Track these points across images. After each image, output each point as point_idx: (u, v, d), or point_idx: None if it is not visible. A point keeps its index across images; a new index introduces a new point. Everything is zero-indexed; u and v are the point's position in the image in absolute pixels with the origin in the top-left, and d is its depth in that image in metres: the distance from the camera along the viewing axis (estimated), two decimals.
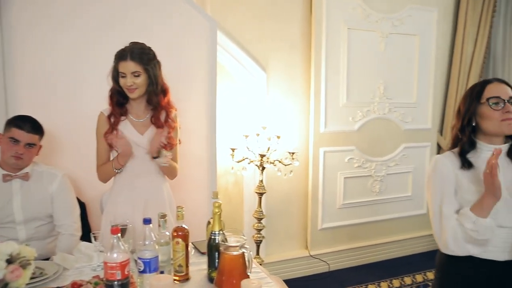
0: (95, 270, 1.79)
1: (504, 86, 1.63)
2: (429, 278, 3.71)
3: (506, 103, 1.58)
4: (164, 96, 2.12)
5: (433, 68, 4.17)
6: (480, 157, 1.64)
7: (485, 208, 1.53)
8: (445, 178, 1.65)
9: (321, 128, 3.73)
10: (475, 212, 1.54)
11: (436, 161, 1.69)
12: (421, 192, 4.30)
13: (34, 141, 2.06)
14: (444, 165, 1.66)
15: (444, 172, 1.65)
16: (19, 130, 2.01)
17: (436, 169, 1.68)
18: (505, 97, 1.59)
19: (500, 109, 1.59)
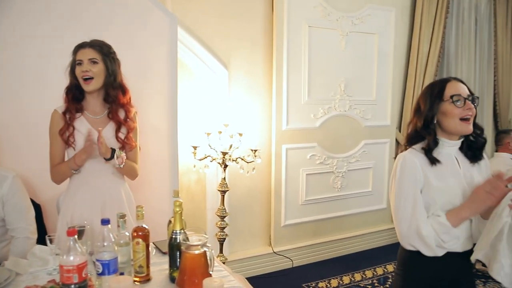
0: (51, 274, 1.72)
1: (462, 85, 1.69)
2: (389, 271, 3.83)
3: (466, 101, 1.64)
4: (124, 94, 2.07)
5: (391, 67, 4.29)
6: (441, 153, 1.69)
7: (460, 219, 1.60)
8: (416, 176, 1.66)
9: (283, 125, 3.75)
10: (449, 219, 1.60)
11: (404, 159, 1.68)
12: (381, 187, 4.42)
13: None
14: (413, 163, 1.66)
15: (414, 170, 1.66)
16: None
17: (405, 167, 1.67)
18: (465, 95, 1.65)
19: (462, 106, 1.64)
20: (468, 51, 4.84)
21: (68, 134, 2.00)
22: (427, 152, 1.67)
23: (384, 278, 3.70)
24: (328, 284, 3.57)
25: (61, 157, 2.06)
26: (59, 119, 2.01)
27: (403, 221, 1.65)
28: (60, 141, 2.02)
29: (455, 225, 1.60)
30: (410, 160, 1.67)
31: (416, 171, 1.65)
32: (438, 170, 1.66)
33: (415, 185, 1.65)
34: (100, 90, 2.03)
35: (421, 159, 1.67)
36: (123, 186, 2.17)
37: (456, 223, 1.60)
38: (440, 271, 1.69)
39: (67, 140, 2.01)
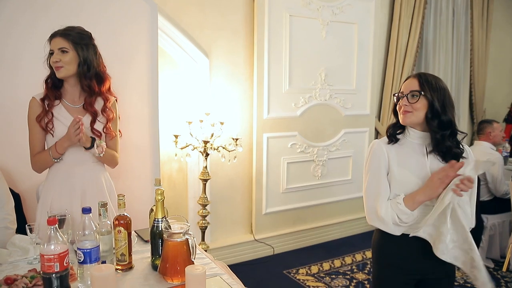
0: (32, 264, 1.72)
1: (411, 81, 1.76)
2: (367, 257, 3.92)
3: (404, 97, 1.74)
4: (101, 83, 2.05)
5: (371, 56, 4.34)
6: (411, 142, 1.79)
7: (416, 203, 1.69)
8: (381, 160, 1.77)
9: (264, 114, 3.77)
10: (406, 203, 1.69)
11: (373, 144, 1.83)
12: (361, 175, 4.49)
13: None
14: (380, 148, 1.79)
15: (380, 155, 1.78)
16: None
17: (373, 151, 1.81)
18: (406, 91, 1.75)
19: (399, 102, 1.77)
20: (446, 42, 4.94)
21: (47, 120, 1.98)
22: (388, 129, 1.82)
23: (363, 264, 3.80)
24: (309, 271, 3.64)
25: (41, 145, 2.03)
26: (37, 106, 1.99)
27: (367, 201, 1.80)
28: (39, 128, 1.99)
29: (411, 209, 1.69)
30: (378, 146, 1.80)
31: (381, 155, 1.77)
32: (404, 158, 1.76)
33: (380, 168, 1.77)
34: (77, 78, 2.01)
35: (389, 146, 1.80)
36: (104, 174, 2.16)
37: (412, 206, 1.69)
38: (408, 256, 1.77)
39: (46, 127, 1.98)
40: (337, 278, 3.51)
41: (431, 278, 1.80)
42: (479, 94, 5.42)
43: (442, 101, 1.71)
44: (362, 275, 3.56)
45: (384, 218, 1.71)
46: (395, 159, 1.76)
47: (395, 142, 1.79)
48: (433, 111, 1.70)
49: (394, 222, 1.71)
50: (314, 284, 3.39)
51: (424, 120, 1.73)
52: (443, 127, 1.70)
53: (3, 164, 2.27)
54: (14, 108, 2.25)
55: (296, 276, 3.53)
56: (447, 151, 1.72)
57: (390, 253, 1.83)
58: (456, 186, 1.62)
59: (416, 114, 1.72)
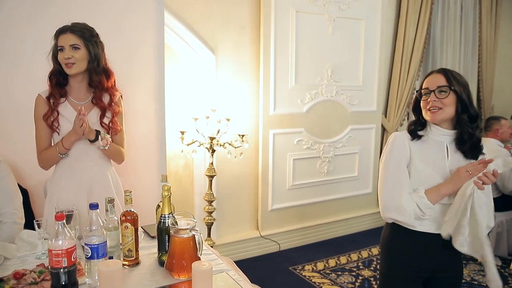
0: (40, 259, 1.73)
1: (436, 77, 1.74)
2: (373, 254, 3.91)
3: (432, 93, 1.71)
4: (108, 79, 2.05)
5: (378, 52, 4.31)
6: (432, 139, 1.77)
7: (439, 196, 1.68)
8: (403, 152, 1.76)
9: (270, 111, 3.77)
10: (428, 195, 1.68)
11: (395, 136, 1.80)
12: (367, 172, 4.48)
13: None
14: (402, 141, 1.77)
15: (402, 147, 1.76)
16: None
17: (395, 143, 1.78)
18: (433, 87, 1.71)
19: (426, 99, 1.73)
20: (454, 38, 4.89)
21: (53, 119, 1.98)
22: (409, 126, 1.79)
23: (369, 261, 3.79)
24: (315, 267, 3.64)
25: (47, 142, 2.04)
26: (43, 104, 1.99)
27: (384, 192, 1.76)
28: (45, 126, 2.00)
29: (434, 202, 1.68)
30: (400, 138, 1.78)
31: (404, 148, 1.75)
32: (425, 155, 1.74)
33: (401, 160, 1.75)
34: (84, 75, 2.01)
35: (411, 141, 1.77)
36: (110, 170, 2.17)
37: (435, 199, 1.68)
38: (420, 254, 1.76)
39: (52, 125, 1.99)
40: (343, 274, 3.51)
41: (440, 277, 1.79)
42: (487, 90, 5.37)
43: (467, 95, 1.70)
44: (368, 272, 3.55)
45: (406, 209, 1.69)
46: (418, 155, 1.74)
47: (418, 139, 1.77)
48: (463, 106, 1.69)
49: (416, 215, 1.69)
50: (320, 281, 3.39)
51: (453, 116, 1.71)
52: (473, 120, 1.70)
53: (12, 160, 2.28)
54: (23, 104, 2.25)
55: (302, 273, 3.53)
56: (474, 146, 1.71)
57: (400, 249, 1.81)
58: (478, 179, 1.61)
59: (447, 110, 1.69)
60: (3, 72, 2.37)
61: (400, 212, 1.70)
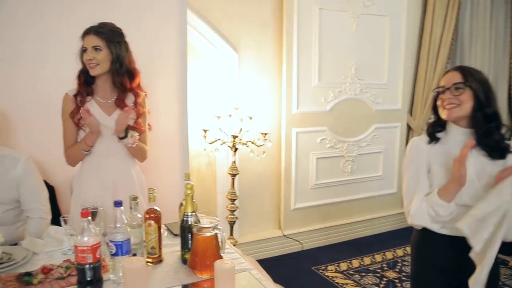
0: (66, 254, 1.76)
1: (452, 74, 1.69)
2: (398, 255, 3.84)
3: (446, 91, 1.67)
4: (132, 79, 2.07)
5: (403, 50, 4.23)
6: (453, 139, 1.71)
7: (450, 193, 1.62)
8: (420, 158, 1.73)
9: (293, 109, 3.74)
10: (441, 196, 1.63)
11: (412, 142, 1.79)
12: (392, 172, 4.40)
13: None
14: (419, 146, 1.75)
15: (419, 153, 1.74)
16: None
17: (412, 149, 1.77)
18: (449, 85, 1.67)
19: (441, 97, 1.70)
20: (483, 34, 4.73)
21: (79, 117, 2.02)
22: (428, 127, 1.76)
23: (394, 262, 3.72)
24: (338, 268, 3.59)
25: (73, 139, 2.08)
26: (70, 102, 2.03)
27: (405, 201, 1.77)
28: (72, 123, 2.04)
29: (445, 199, 1.63)
30: (417, 145, 1.76)
31: (421, 153, 1.73)
32: (446, 158, 1.69)
33: (418, 168, 1.73)
34: (108, 75, 2.03)
35: (429, 145, 1.74)
36: (134, 168, 2.19)
37: (446, 197, 1.63)
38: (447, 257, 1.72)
39: (78, 123, 2.03)
40: (367, 276, 3.45)
41: None
42: None
43: (485, 92, 1.64)
44: (392, 274, 3.49)
45: (419, 212, 1.67)
46: (437, 159, 1.70)
47: (436, 141, 1.73)
48: (479, 103, 1.63)
49: (431, 217, 1.66)
50: (343, 282, 3.35)
51: (470, 113, 1.65)
52: (488, 119, 1.64)
53: (39, 157, 2.33)
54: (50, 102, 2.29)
55: (325, 273, 3.49)
56: (495, 146, 1.65)
57: (428, 252, 1.78)
58: None
59: (463, 106, 1.65)
60: (30, 71, 2.42)
61: (414, 216, 1.69)
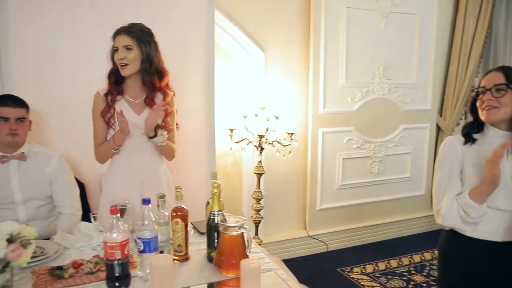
0: (95, 250, 1.81)
1: (494, 75, 1.63)
2: (426, 259, 3.75)
3: (487, 92, 1.61)
4: (161, 79, 2.10)
5: (433, 48, 4.13)
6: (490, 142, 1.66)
7: (482, 195, 1.57)
8: (454, 158, 1.70)
9: (320, 109, 3.71)
10: (472, 197, 1.58)
11: (446, 141, 1.75)
12: (420, 173, 4.31)
13: (23, 114, 2.05)
14: (453, 145, 1.71)
15: (453, 152, 1.70)
16: (4, 107, 2.00)
17: (445, 148, 1.73)
18: (489, 86, 1.61)
19: (481, 98, 1.64)
20: None
21: (109, 115, 2.06)
22: (464, 128, 1.72)
23: (421, 265, 3.64)
24: (364, 269, 3.55)
25: (103, 137, 2.12)
26: (101, 101, 2.07)
27: (435, 200, 1.73)
28: (102, 122, 2.08)
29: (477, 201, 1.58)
30: (451, 142, 1.72)
31: (455, 153, 1.69)
32: (480, 158, 1.64)
33: (451, 166, 1.69)
34: (138, 75, 2.07)
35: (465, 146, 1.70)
36: (162, 166, 2.23)
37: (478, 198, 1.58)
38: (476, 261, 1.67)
39: (108, 121, 2.07)
40: (393, 279, 3.39)
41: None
42: None
43: None
44: (420, 277, 3.41)
45: (449, 213, 1.63)
46: (471, 159, 1.66)
47: (473, 142, 1.68)
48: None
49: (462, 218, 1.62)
50: (369, 284, 3.30)
51: (511, 116, 1.60)
52: None
53: (70, 155, 2.39)
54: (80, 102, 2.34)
55: (350, 275, 3.45)
56: None
57: (455, 255, 1.73)
58: None
59: (503, 109, 1.59)
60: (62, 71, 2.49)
61: (444, 217, 1.65)
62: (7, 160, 2.05)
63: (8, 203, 2.07)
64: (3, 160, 2.04)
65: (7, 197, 2.06)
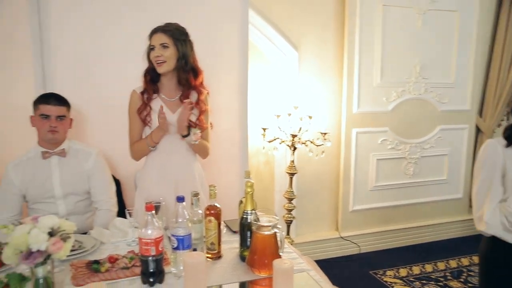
0: (130, 245, 1.84)
1: None
2: (464, 264, 3.63)
3: None
4: (196, 77, 2.12)
5: (473, 47, 3.99)
6: None
7: None
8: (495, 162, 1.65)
9: (353, 109, 3.66)
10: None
11: (487, 144, 1.70)
12: (458, 176, 4.18)
13: (63, 112, 2.12)
14: (495, 148, 1.66)
15: (494, 156, 1.65)
16: (46, 105, 2.08)
17: (486, 152, 1.69)
18: None
19: None
20: None
21: (146, 113, 2.10)
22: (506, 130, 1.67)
23: (458, 271, 3.52)
24: (397, 273, 3.47)
25: (139, 135, 2.16)
26: (137, 99, 2.11)
27: (475, 204, 1.68)
28: (138, 120, 2.12)
29: None
30: (492, 145, 1.67)
31: (496, 156, 1.64)
32: None
33: (492, 170, 1.64)
34: (173, 73, 2.09)
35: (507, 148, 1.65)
36: (196, 165, 2.25)
37: None
38: None
39: (144, 119, 2.11)
40: (428, 284, 3.30)
41: None
42: None
43: None
44: (457, 284, 3.30)
45: (492, 221, 1.58)
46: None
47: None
48: None
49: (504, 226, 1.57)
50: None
51: None
52: None
53: (106, 152, 2.45)
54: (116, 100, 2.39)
55: (383, 278, 3.38)
56: None
57: (497, 263, 1.67)
58: None
59: None
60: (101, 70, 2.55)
61: (488, 225, 1.60)
62: (49, 156, 2.13)
63: (49, 197, 2.14)
64: (45, 156, 2.12)
65: (48, 192, 2.14)
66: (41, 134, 2.11)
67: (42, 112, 2.08)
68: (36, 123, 2.12)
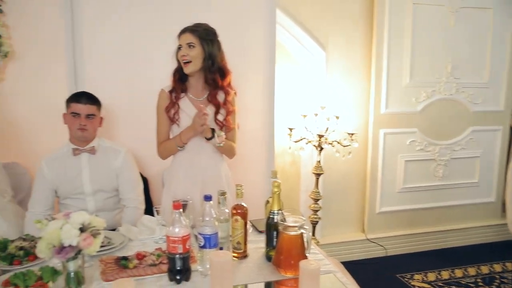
0: (157, 243, 1.86)
1: None
2: (496, 271, 3.50)
3: None
4: (223, 77, 2.12)
5: (509, 46, 3.85)
6: None
7: None
8: None
9: (381, 109, 3.60)
10: None
11: None
12: (490, 179, 4.05)
13: (93, 111, 2.16)
14: None
15: None
16: (77, 104, 2.13)
17: None
18: None
19: None
20: None
21: (174, 111, 2.12)
22: None
23: (490, 278, 3.40)
24: (425, 277, 3.39)
25: (166, 134, 2.19)
26: (166, 97, 2.14)
27: (508, 205, 1.57)
28: (166, 118, 2.15)
29: None
30: None
31: None
32: None
33: None
34: (201, 73, 2.11)
35: None
36: (222, 164, 2.26)
37: None
38: None
39: (173, 117, 2.13)
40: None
41: None
42: None
43: None
44: None
45: None
46: None
47: None
48: None
49: None
50: None
51: None
52: None
53: (135, 150, 2.49)
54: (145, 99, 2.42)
55: (411, 282, 3.31)
56: None
57: None
58: None
59: None
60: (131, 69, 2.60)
61: None
62: (79, 153, 2.18)
63: (78, 193, 2.20)
64: (75, 153, 2.18)
65: (78, 188, 2.19)
66: (71, 131, 2.17)
67: (73, 110, 2.13)
68: (67, 121, 2.18)
